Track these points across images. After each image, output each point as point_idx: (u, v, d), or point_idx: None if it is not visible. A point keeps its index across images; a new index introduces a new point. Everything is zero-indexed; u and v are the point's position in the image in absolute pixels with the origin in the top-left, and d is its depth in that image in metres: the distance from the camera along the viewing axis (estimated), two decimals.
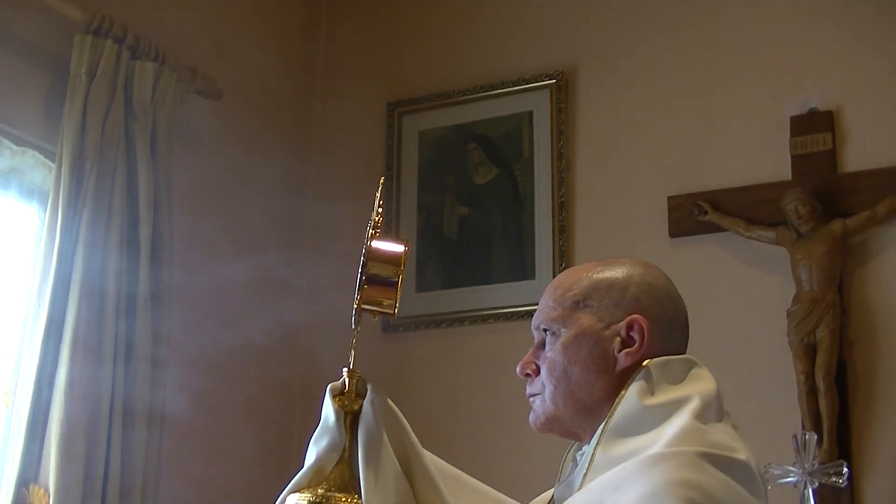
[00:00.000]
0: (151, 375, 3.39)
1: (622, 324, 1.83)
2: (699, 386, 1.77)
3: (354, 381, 1.77)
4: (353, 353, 1.79)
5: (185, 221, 3.76)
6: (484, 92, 4.29)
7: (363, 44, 4.63)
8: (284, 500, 1.70)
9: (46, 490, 3.05)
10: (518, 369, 1.90)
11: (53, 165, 3.37)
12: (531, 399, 1.89)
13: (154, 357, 3.41)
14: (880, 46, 3.77)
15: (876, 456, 3.48)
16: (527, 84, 4.22)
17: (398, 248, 1.75)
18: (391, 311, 1.76)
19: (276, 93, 4.46)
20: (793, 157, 3.76)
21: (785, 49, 3.90)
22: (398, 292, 1.74)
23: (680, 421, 1.68)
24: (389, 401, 1.76)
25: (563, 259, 3.96)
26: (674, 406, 1.72)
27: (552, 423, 1.86)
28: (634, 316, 1.83)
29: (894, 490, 3.43)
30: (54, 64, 3.48)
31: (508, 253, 4.11)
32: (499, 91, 4.26)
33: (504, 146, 4.23)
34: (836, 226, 3.60)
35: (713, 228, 3.81)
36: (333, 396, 1.75)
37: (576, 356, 1.82)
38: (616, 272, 1.88)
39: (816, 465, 3.28)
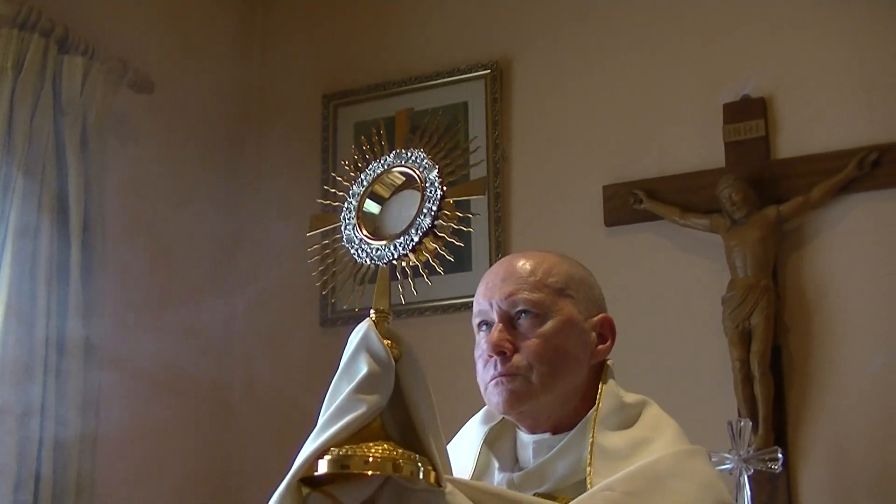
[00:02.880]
0: (84, 368, 3.34)
1: (596, 320, 1.90)
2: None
3: (385, 325, 1.62)
4: (381, 292, 1.64)
5: (118, 215, 3.71)
6: (419, 83, 4.27)
7: (298, 36, 4.59)
8: (322, 454, 1.50)
9: None
10: (492, 347, 1.86)
11: None
12: (505, 378, 1.85)
13: (87, 352, 3.36)
14: (812, 32, 3.80)
15: (811, 441, 3.51)
16: (462, 75, 4.21)
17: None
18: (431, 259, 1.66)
19: (211, 86, 4.41)
20: (726, 144, 3.78)
21: (717, 37, 3.92)
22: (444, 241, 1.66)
23: (666, 420, 1.85)
24: None
25: (499, 250, 3.94)
26: (640, 405, 1.86)
27: (528, 404, 1.86)
28: (606, 315, 1.92)
29: (830, 474, 3.46)
30: None
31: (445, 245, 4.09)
32: (434, 82, 4.25)
33: None
34: (770, 212, 3.62)
35: (648, 217, 3.82)
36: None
37: (566, 342, 1.85)
38: (578, 269, 1.94)
39: (752, 451, 3.31)
